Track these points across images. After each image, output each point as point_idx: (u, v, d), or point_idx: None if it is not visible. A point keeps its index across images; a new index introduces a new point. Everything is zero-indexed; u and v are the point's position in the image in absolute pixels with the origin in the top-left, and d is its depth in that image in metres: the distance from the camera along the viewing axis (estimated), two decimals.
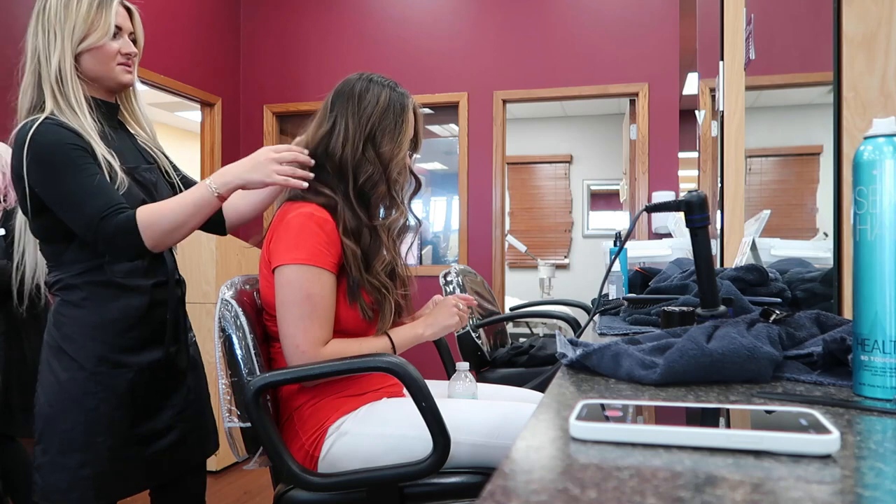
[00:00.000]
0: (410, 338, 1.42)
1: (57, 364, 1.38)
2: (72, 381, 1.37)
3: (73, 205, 1.31)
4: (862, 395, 0.65)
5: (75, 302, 1.39)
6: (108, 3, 1.40)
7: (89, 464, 1.36)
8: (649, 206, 1.09)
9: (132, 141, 1.51)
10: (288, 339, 1.30)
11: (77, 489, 1.35)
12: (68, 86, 1.37)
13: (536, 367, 2.41)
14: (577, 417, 0.53)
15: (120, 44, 1.42)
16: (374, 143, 1.38)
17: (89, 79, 1.42)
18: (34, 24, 1.40)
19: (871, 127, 0.65)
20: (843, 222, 1.16)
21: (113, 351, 1.39)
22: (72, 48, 1.37)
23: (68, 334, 1.38)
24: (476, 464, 1.28)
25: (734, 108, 2.26)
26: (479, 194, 4.70)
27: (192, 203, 1.34)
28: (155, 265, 1.47)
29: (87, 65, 1.40)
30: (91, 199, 1.30)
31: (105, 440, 1.37)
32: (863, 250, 0.65)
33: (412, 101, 1.44)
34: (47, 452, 1.38)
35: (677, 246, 2.45)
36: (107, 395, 1.38)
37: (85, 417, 1.36)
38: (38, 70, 1.38)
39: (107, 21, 1.39)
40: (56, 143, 1.31)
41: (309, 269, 1.29)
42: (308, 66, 4.92)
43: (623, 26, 4.48)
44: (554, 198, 7.61)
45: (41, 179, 1.32)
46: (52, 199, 1.33)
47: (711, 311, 1.02)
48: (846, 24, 1.12)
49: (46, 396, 1.39)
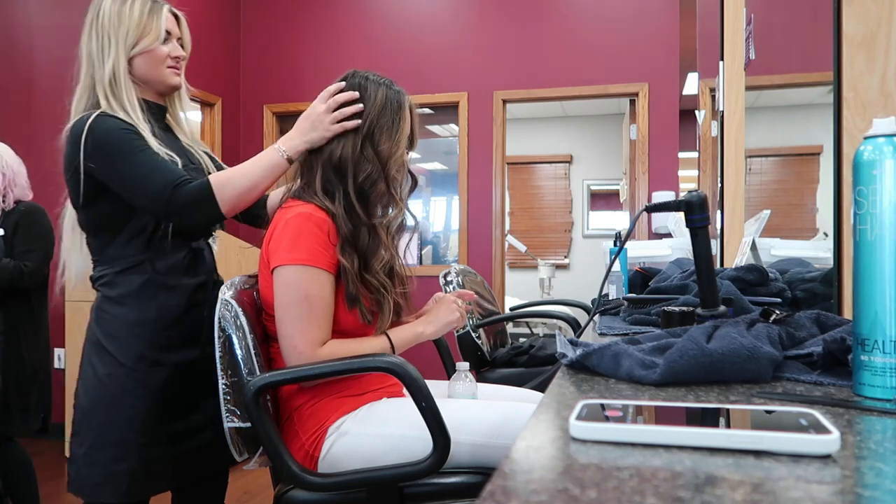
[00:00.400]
0: (410, 337, 1.41)
1: (97, 360, 1.42)
2: (110, 377, 1.41)
3: (141, 179, 1.36)
4: (862, 395, 0.65)
5: (116, 299, 1.43)
6: (159, 9, 1.48)
7: (122, 459, 1.39)
8: (649, 206, 1.09)
9: (179, 143, 1.56)
10: (286, 340, 1.30)
11: (109, 484, 1.39)
12: (121, 88, 1.43)
13: (536, 367, 2.40)
14: (577, 417, 0.53)
15: (169, 48, 1.50)
16: (372, 142, 1.38)
17: (140, 81, 1.48)
18: (88, 30, 1.46)
19: (871, 127, 0.65)
20: (843, 222, 1.16)
21: (151, 349, 1.42)
22: (125, 52, 1.44)
23: (109, 331, 1.43)
24: (476, 464, 1.28)
25: (734, 108, 2.26)
26: (479, 194, 4.70)
27: (263, 165, 1.39)
28: (195, 264, 1.50)
29: (138, 68, 1.47)
30: (160, 172, 1.36)
31: (139, 437, 1.40)
32: (863, 250, 0.65)
33: (408, 98, 1.45)
34: (83, 445, 1.42)
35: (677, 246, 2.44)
36: (143, 392, 1.41)
37: (121, 414, 1.40)
38: (92, 73, 1.45)
39: (158, 26, 1.47)
40: (116, 129, 1.38)
41: (307, 269, 1.29)
42: (308, 66, 4.92)
43: (623, 26, 4.48)
44: (554, 198, 7.61)
45: (104, 163, 1.37)
46: (116, 178, 1.37)
47: (711, 311, 1.02)
48: (846, 24, 1.12)
49: (85, 391, 1.43)
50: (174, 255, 1.46)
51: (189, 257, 1.48)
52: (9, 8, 3.91)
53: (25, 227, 2.34)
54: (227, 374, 1.33)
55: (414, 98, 1.48)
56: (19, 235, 2.32)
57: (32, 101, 3.86)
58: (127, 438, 1.39)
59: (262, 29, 5.03)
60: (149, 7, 1.46)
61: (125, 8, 1.44)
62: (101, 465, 1.39)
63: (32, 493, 2.32)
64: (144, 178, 1.35)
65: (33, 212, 2.39)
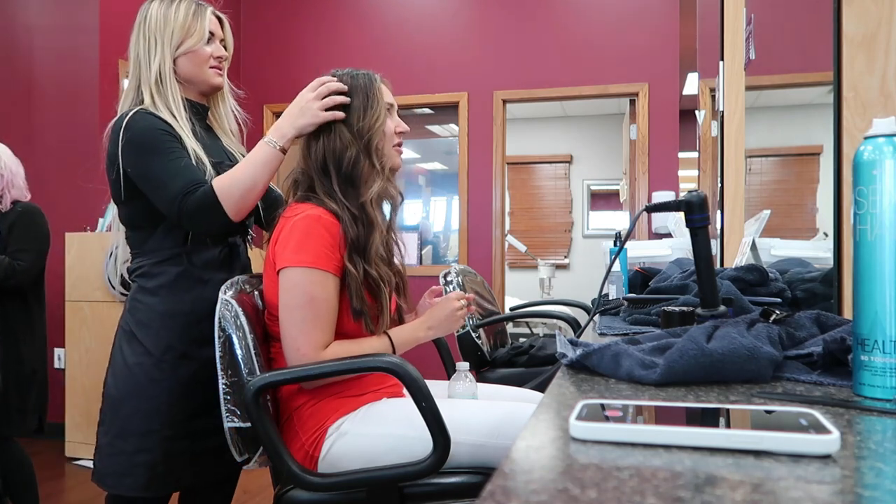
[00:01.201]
0: (411, 340, 1.42)
1: (128, 348, 1.45)
2: (139, 366, 1.43)
3: (160, 184, 1.39)
4: (862, 395, 0.65)
5: (151, 289, 1.46)
6: (203, 11, 1.54)
7: (144, 451, 1.41)
8: (649, 206, 1.09)
9: (219, 142, 1.60)
10: (289, 342, 1.30)
11: (130, 475, 1.40)
12: (166, 86, 1.48)
13: (536, 367, 2.40)
14: (577, 417, 0.53)
15: (213, 48, 1.55)
16: (348, 126, 1.40)
17: (185, 80, 1.53)
18: (136, 33, 1.52)
19: (871, 127, 0.65)
20: (843, 222, 1.16)
21: (182, 341, 1.44)
22: (171, 52, 1.50)
23: (142, 320, 1.45)
24: (476, 464, 1.28)
25: (734, 108, 2.26)
26: (479, 194, 4.70)
27: (258, 162, 1.41)
28: (231, 259, 1.53)
29: (183, 67, 1.52)
30: (176, 178, 1.39)
31: (163, 429, 1.42)
32: (863, 250, 0.65)
33: (377, 76, 1.47)
34: (107, 434, 1.44)
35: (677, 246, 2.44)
36: (170, 384, 1.43)
37: (147, 404, 1.42)
38: (139, 74, 1.50)
39: (202, 27, 1.52)
40: (148, 128, 1.41)
41: (314, 272, 1.29)
42: (308, 66, 4.91)
43: (623, 26, 4.48)
44: (554, 198, 7.61)
45: (133, 161, 1.41)
46: (141, 179, 1.42)
47: (711, 311, 1.02)
48: (846, 24, 1.12)
49: (114, 379, 1.45)
50: (211, 249, 1.49)
51: (225, 252, 1.52)
52: (9, 8, 3.91)
53: (21, 227, 2.34)
54: (228, 374, 1.33)
55: (414, 98, 1.49)
56: (14, 235, 2.31)
57: (32, 101, 3.86)
58: (151, 430, 1.41)
59: (262, 29, 5.03)
60: (193, 9, 1.52)
61: (171, 10, 1.50)
62: (123, 455, 1.41)
63: (32, 493, 2.32)
64: (164, 183, 1.39)
65: (30, 212, 2.39)
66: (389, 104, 1.47)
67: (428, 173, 5.65)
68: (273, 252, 1.35)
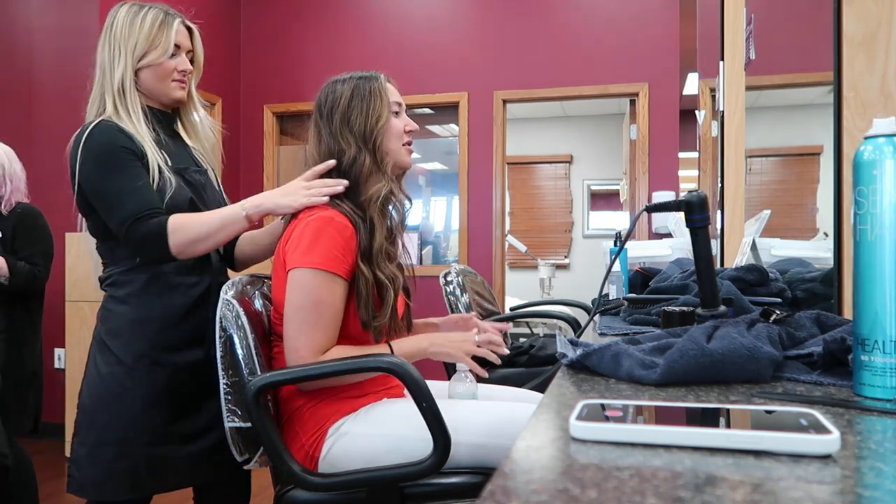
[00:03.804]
0: (413, 351, 1.38)
1: (100, 358, 1.44)
2: (111, 375, 1.41)
3: (111, 204, 1.38)
4: (862, 395, 0.65)
5: (121, 298, 1.45)
6: (170, 22, 1.49)
7: (124, 457, 1.40)
8: (649, 206, 1.09)
9: (187, 150, 1.57)
10: (289, 342, 1.30)
11: (112, 481, 1.39)
12: (128, 97, 1.45)
13: (536, 367, 2.40)
14: (578, 417, 0.53)
15: (177, 62, 1.51)
16: (349, 129, 1.40)
17: (146, 92, 1.50)
18: (102, 39, 1.49)
19: (872, 127, 0.65)
20: (844, 222, 1.16)
21: (154, 348, 1.43)
22: (133, 63, 1.46)
23: (112, 329, 1.44)
24: (476, 464, 1.28)
25: (734, 108, 2.26)
26: (479, 194, 4.70)
27: (220, 218, 1.40)
28: (202, 264, 1.51)
29: (144, 80, 1.49)
30: (128, 199, 1.37)
31: (140, 436, 1.40)
32: (863, 250, 0.65)
33: (380, 77, 1.46)
34: (84, 444, 1.42)
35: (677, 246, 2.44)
36: (143, 392, 1.41)
37: (122, 413, 1.40)
38: (103, 82, 1.47)
39: (167, 40, 1.48)
40: (107, 143, 1.39)
41: (322, 274, 1.29)
42: (308, 66, 4.91)
43: (623, 26, 4.48)
44: (554, 198, 7.61)
45: (88, 177, 1.40)
46: (94, 195, 1.40)
47: (711, 311, 1.02)
48: (846, 24, 1.12)
49: (88, 389, 1.44)
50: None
51: (195, 259, 1.48)
52: (9, 8, 3.91)
53: (26, 230, 2.34)
54: (228, 374, 1.33)
55: (414, 98, 1.49)
56: (20, 238, 2.32)
57: (32, 102, 3.86)
58: (128, 437, 1.40)
59: (263, 29, 5.03)
60: (161, 19, 1.48)
61: (137, 19, 1.46)
62: (102, 464, 1.40)
63: (32, 493, 2.32)
64: (114, 203, 1.38)
65: (32, 214, 2.39)
66: (397, 104, 1.47)
67: (428, 173, 5.65)
68: (284, 251, 1.35)
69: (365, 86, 1.43)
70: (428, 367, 1.61)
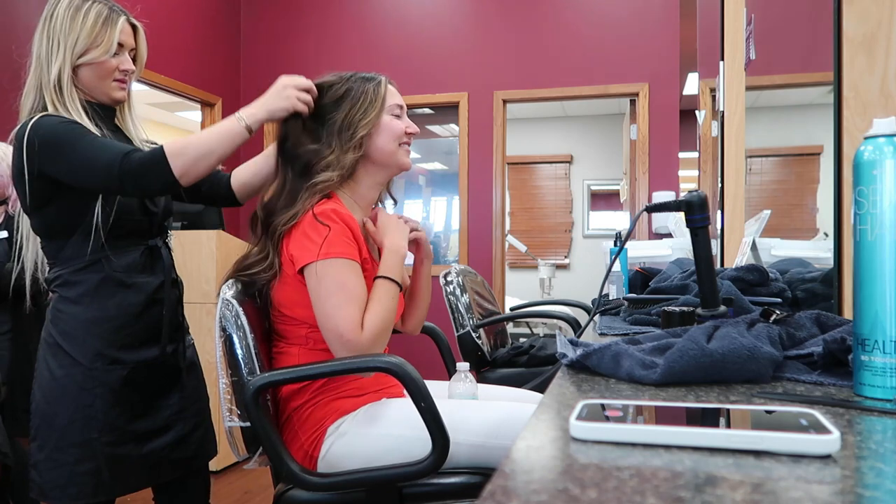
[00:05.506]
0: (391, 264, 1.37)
1: (53, 360, 1.41)
2: (68, 377, 1.39)
3: (89, 161, 1.32)
4: (862, 395, 0.65)
5: (73, 298, 1.41)
6: (115, 20, 1.43)
7: (86, 459, 1.37)
8: (649, 206, 1.09)
9: (131, 144, 1.52)
10: (329, 334, 1.28)
11: (75, 485, 1.37)
12: (66, 93, 1.40)
13: (536, 367, 2.40)
14: (578, 417, 0.53)
15: (119, 61, 1.45)
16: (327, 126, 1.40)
17: (85, 89, 1.44)
18: (40, 29, 1.42)
19: (872, 127, 0.65)
20: (844, 222, 1.16)
21: (109, 347, 1.41)
22: (72, 59, 1.40)
23: (66, 330, 1.40)
24: (476, 464, 1.28)
25: (734, 108, 2.26)
26: (479, 194, 4.70)
27: (220, 132, 1.35)
28: (153, 262, 1.48)
29: (84, 77, 1.43)
30: (105, 150, 1.33)
31: (101, 436, 1.38)
32: (863, 250, 0.65)
33: (383, 77, 1.46)
34: (44, 449, 1.40)
35: (677, 246, 2.45)
36: (102, 391, 1.39)
37: (81, 414, 1.38)
38: (40, 74, 1.42)
39: (110, 39, 1.42)
40: (58, 123, 1.36)
41: (336, 261, 1.29)
42: (308, 67, 4.90)
43: (623, 26, 4.48)
44: (554, 198, 7.61)
45: (51, 156, 1.34)
46: (65, 168, 1.34)
47: (712, 311, 1.02)
48: (846, 24, 1.12)
49: (43, 393, 1.42)
50: (130, 253, 1.45)
51: (146, 255, 1.47)
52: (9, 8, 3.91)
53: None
54: (228, 374, 1.33)
55: (414, 98, 1.49)
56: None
57: None
58: (90, 438, 1.38)
59: (263, 29, 5.03)
60: (105, 16, 1.41)
61: (79, 14, 1.39)
62: (64, 467, 1.37)
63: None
64: (91, 158, 1.32)
65: None
66: (398, 106, 1.46)
67: (428, 173, 5.65)
68: (288, 250, 1.35)
69: (355, 86, 1.43)
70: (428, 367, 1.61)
